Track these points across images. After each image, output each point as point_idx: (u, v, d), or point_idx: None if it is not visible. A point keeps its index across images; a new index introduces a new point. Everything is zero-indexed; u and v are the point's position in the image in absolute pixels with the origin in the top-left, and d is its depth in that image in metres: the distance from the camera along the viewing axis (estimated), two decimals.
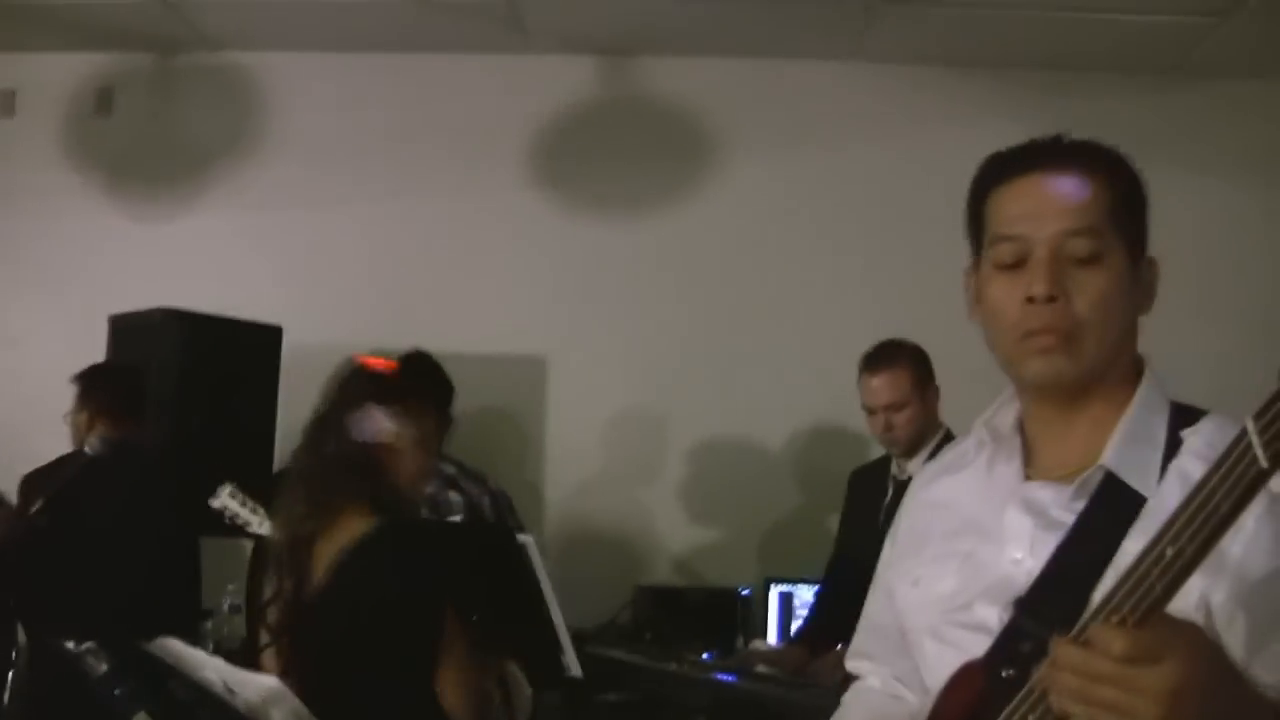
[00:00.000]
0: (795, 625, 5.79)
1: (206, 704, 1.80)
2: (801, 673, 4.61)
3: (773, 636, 5.83)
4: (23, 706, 5.39)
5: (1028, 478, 1.90)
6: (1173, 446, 1.79)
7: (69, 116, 7.08)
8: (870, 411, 4.65)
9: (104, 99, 7.07)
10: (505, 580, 3.46)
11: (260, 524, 3.78)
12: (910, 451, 4.61)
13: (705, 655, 4.92)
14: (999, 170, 1.89)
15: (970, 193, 1.94)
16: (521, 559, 3.50)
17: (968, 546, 1.92)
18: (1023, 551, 1.83)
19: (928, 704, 1.88)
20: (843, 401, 4.86)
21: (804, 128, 6.74)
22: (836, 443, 6.24)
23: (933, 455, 4.47)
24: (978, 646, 1.79)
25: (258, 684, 1.66)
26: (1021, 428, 1.94)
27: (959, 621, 1.88)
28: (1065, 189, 1.80)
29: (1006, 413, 1.96)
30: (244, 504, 3.78)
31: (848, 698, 2.24)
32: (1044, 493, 1.85)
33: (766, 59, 6.70)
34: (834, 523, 5.33)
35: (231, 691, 1.68)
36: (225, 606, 5.56)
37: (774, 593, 5.98)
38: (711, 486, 6.46)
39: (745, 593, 6.05)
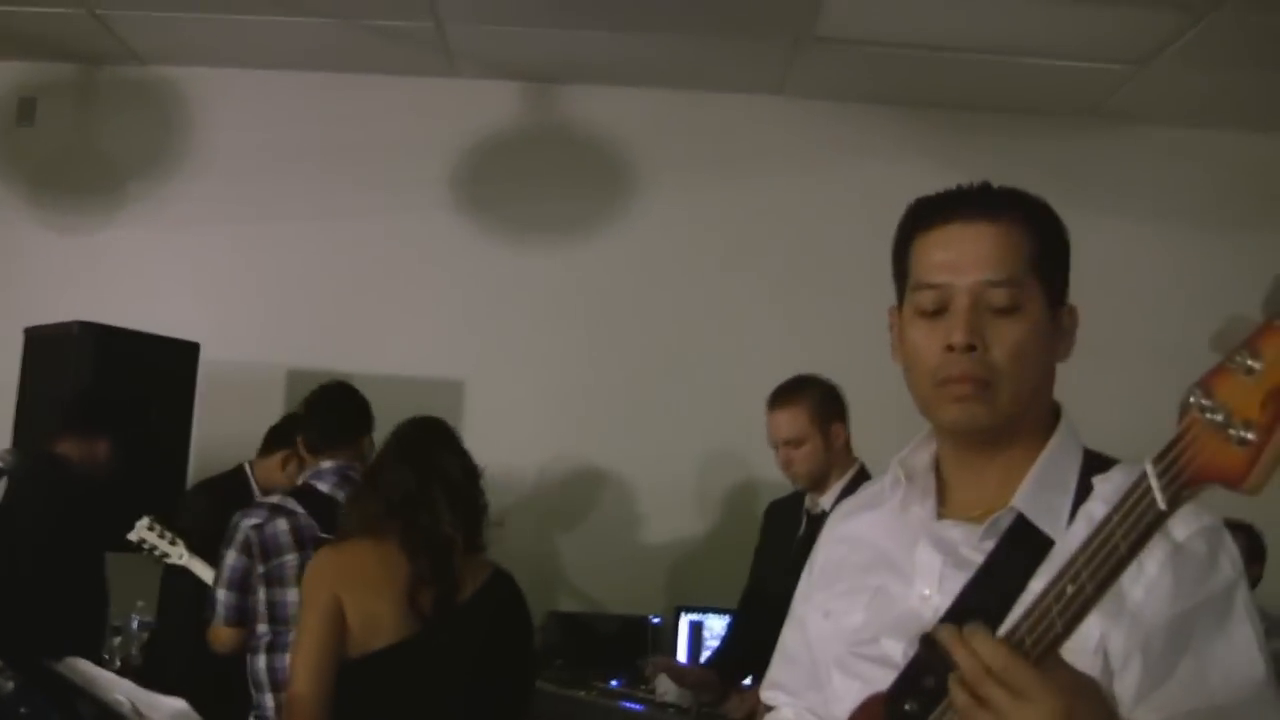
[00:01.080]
0: (705, 653, 5.80)
1: None
2: (709, 692, 4.62)
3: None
4: None
5: (940, 517, 1.93)
6: (1084, 492, 1.83)
7: None
8: (773, 446, 4.66)
9: (26, 108, 7.01)
10: None
11: (179, 555, 3.77)
12: (816, 486, 4.61)
13: (613, 683, 4.93)
14: (923, 216, 1.91)
15: (896, 236, 1.97)
16: None
17: (878, 581, 1.96)
18: (931, 588, 1.86)
19: None
20: (755, 433, 4.87)
21: (725, 160, 6.80)
22: (749, 474, 6.28)
23: (845, 491, 4.52)
24: (883, 680, 1.82)
25: (166, 706, 1.66)
26: (937, 467, 1.97)
27: (866, 654, 1.91)
28: (985, 239, 1.83)
29: (922, 452, 1.99)
30: (162, 535, 3.77)
31: None
32: (955, 531, 1.89)
33: (691, 91, 6.77)
34: (746, 553, 5.34)
35: (139, 714, 1.68)
36: (134, 624, 5.51)
37: (684, 621, 6.01)
38: (624, 514, 6.48)
39: (656, 621, 6.08)
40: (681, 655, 5.91)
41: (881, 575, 1.96)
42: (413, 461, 3.66)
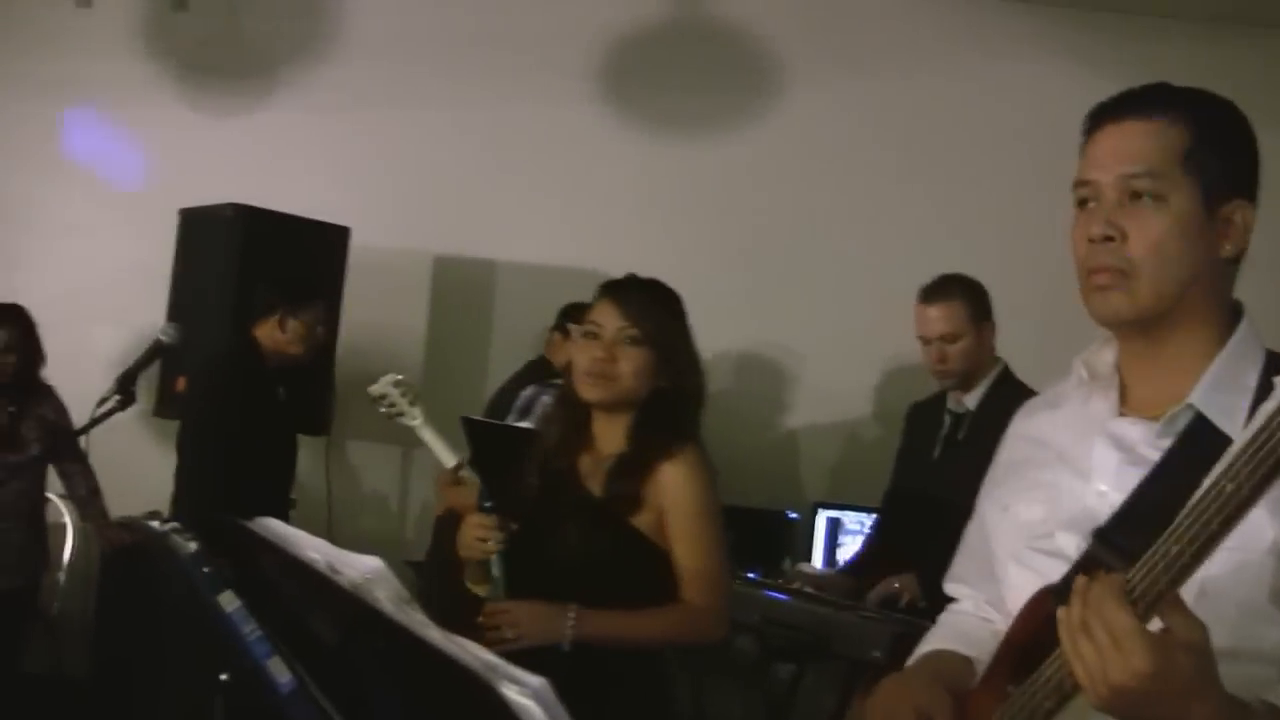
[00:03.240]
0: (841, 550, 5.83)
1: (306, 581, 1.85)
2: (851, 595, 4.64)
3: (818, 561, 5.85)
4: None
5: (1121, 414, 1.94)
6: (1264, 391, 1.81)
7: (145, 9, 7.10)
8: (925, 342, 4.64)
9: None
10: None
11: (414, 419, 3.79)
12: (964, 384, 4.60)
13: (749, 575, 4.95)
14: (1089, 122, 1.94)
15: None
16: None
17: (1056, 478, 1.97)
18: (1107, 484, 1.87)
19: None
20: (901, 333, 4.85)
21: (868, 55, 6.70)
22: (894, 374, 6.25)
23: (990, 391, 4.53)
24: (1056, 573, 1.85)
25: (361, 564, 1.70)
26: (1118, 367, 1.98)
27: (1041, 548, 1.94)
28: (1132, 135, 1.85)
29: (1106, 352, 2.00)
30: (405, 393, 3.79)
31: (942, 618, 2.29)
32: (1133, 429, 1.89)
33: None
34: (884, 451, 5.34)
35: (335, 570, 1.73)
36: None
37: (821, 517, 6.00)
38: (762, 409, 6.49)
39: (793, 516, 6.09)
40: (818, 551, 5.92)
41: (1059, 472, 1.98)
42: None
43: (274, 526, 1.98)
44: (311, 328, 5.26)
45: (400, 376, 3.97)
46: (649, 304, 3.14)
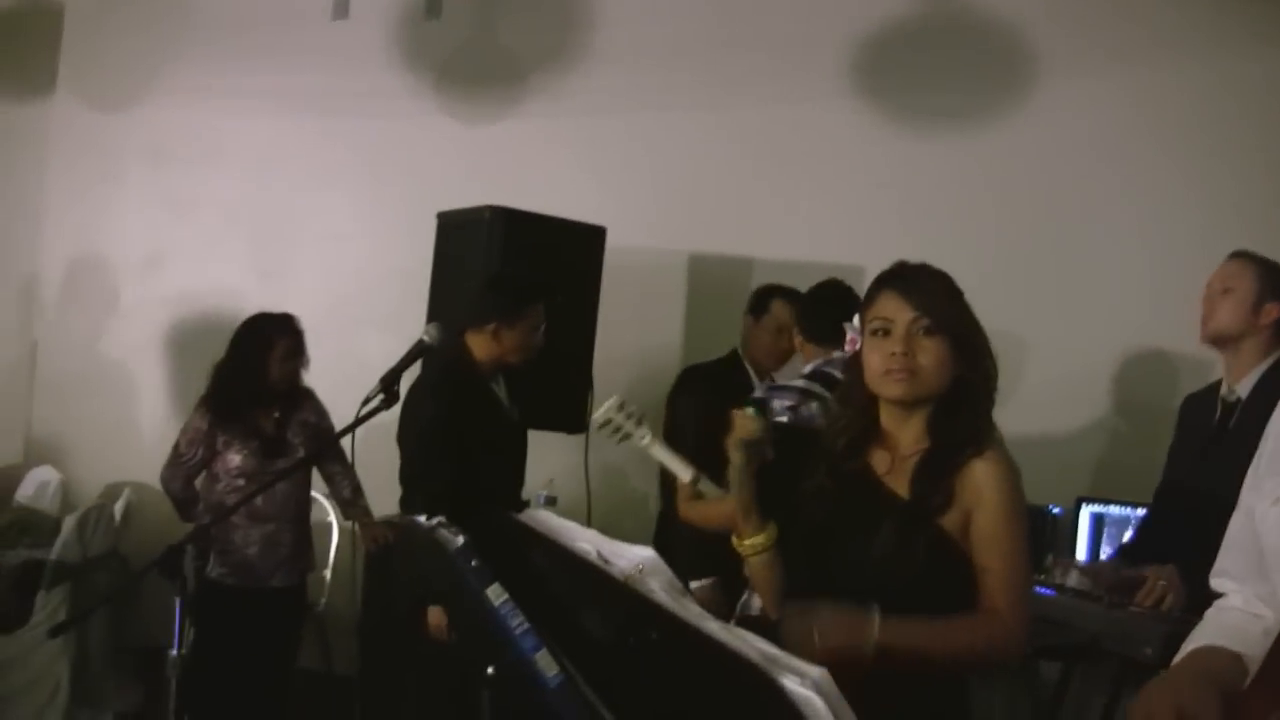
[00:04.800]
0: (1104, 546, 5.66)
1: (578, 573, 1.83)
2: (1118, 592, 4.50)
3: (1082, 555, 5.69)
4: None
5: None
6: None
7: (399, 19, 7.27)
8: (1209, 297, 4.47)
9: (433, 3, 7.21)
10: None
11: (642, 437, 3.80)
12: (1221, 342, 4.40)
13: None
14: None
15: None
16: None
17: None
18: None
19: None
20: (1170, 327, 4.69)
21: (1125, 46, 6.47)
22: (1161, 369, 6.04)
23: (1265, 376, 4.34)
24: None
25: (633, 554, 1.68)
26: None
27: None
28: None
29: None
30: (629, 417, 3.81)
31: (1208, 614, 2.18)
32: None
33: None
34: (1153, 446, 5.17)
35: (606, 561, 1.71)
36: (540, 499, 5.70)
37: (1085, 512, 5.83)
38: (1027, 401, 6.31)
39: (1056, 511, 5.93)
40: (1082, 547, 5.76)
41: None
42: None
43: (544, 518, 1.97)
44: (528, 336, 5.14)
45: (622, 400, 3.97)
46: (935, 291, 2.98)
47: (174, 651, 3.36)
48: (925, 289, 2.96)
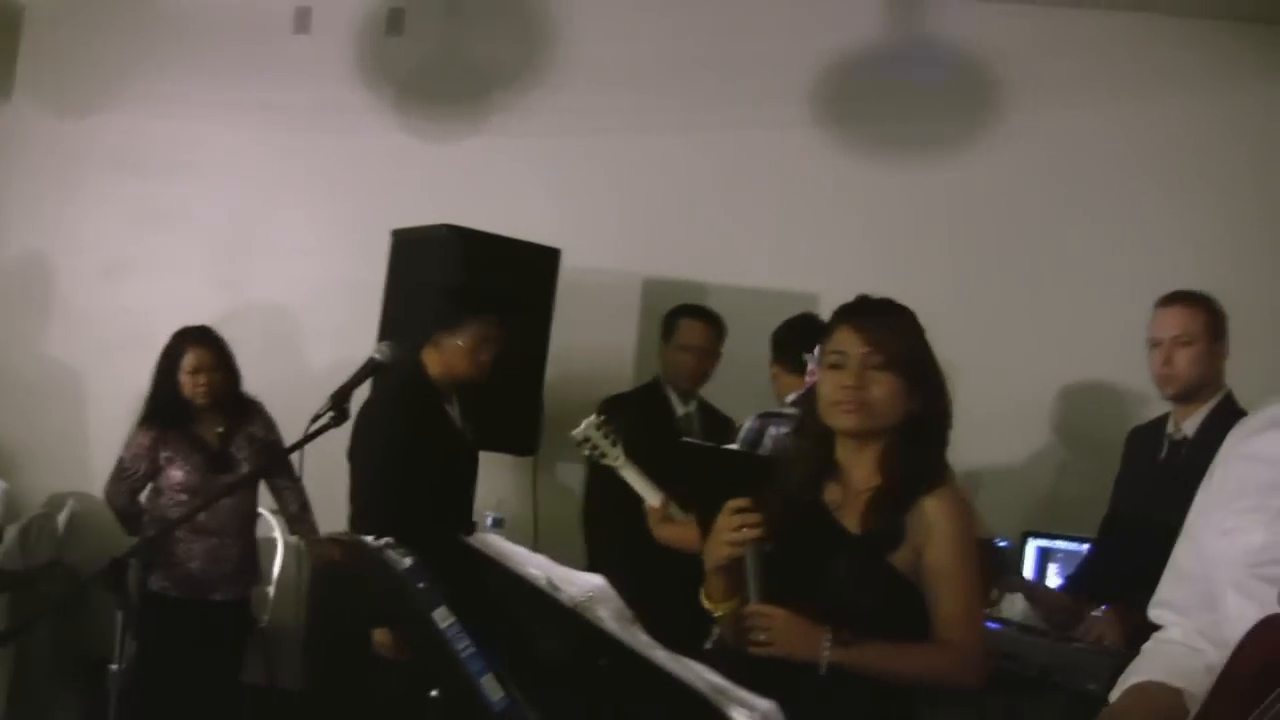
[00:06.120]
0: (1049, 580, 5.69)
1: (528, 598, 1.83)
2: (1062, 615, 4.53)
3: None
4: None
5: None
6: None
7: (361, 35, 7.25)
8: (1154, 345, 4.50)
9: (396, 19, 7.24)
10: None
11: (616, 459, 3.79)
12: (1184, 397, 4.45)
13: None
14: None
15: None
16: None
17: None
18: None
19: (1225, 658, 1.83)
20: (1116, 361, 4.72)
21: (1094, 80, 6.53)
22: (1106, 403, 6.09)
23: (1211, 416, 4.37)
24: None
25: (583, 581, 1.68)
26: None
27: (1265, 575, 1.83)
28: None
29: None
30: (606, 437, 3.80)
31: (1147, 647, 2.18)
32: None
33: (1059, 7, 6.52)
34: (1097, 481, 5.20)
35: (556, 587, 1.71)
36: (489, 521, 5.67)
37: (1031, 546, 5.86)
38: (975, 434, 6.33)
39: (1003, 544, 5.95)
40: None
41: None
42: None
43: (495, 543, 1.97)
44: (472, 347, 5.10)
45: (602, 419, 3.96)
46: (891, 326, 2.99)
47: (114, 666, 3.33)
48: (881, 324, 2.97)
